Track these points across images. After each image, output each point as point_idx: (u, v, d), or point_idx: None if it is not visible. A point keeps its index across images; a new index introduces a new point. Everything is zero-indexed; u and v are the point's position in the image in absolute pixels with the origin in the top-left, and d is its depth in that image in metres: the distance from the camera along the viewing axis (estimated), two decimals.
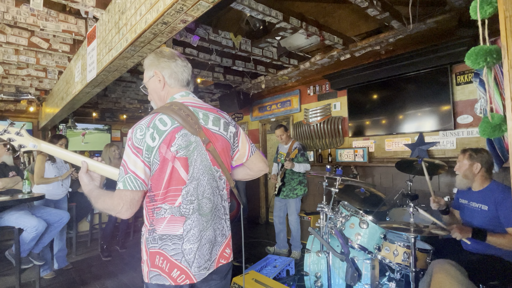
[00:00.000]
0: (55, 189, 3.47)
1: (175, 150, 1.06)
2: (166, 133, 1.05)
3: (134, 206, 1.04)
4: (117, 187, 1.03)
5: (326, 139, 4.57)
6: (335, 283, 2.42)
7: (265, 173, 1.42)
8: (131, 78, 4.16)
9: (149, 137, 1.03)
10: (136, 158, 1.03)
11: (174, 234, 1.07)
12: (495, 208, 1.93)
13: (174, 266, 1.06)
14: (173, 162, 1.06)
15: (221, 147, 1.19)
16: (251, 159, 1.31)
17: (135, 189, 1.02)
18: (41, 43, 2.92)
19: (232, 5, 2.32)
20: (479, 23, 0.89)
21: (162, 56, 1.21)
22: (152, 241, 1.08)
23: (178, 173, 1.08)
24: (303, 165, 3.64)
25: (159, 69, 1.20)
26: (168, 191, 1.07)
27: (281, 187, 3.79)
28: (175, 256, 1.06)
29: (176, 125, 1.07)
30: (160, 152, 1.04)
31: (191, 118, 1.11)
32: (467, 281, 1.75)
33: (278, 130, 3.85)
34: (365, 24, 3.28)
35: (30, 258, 2.89)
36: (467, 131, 3.17)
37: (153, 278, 1.07)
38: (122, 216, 1.04)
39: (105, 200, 1.06)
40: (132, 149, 1.03)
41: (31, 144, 1.24)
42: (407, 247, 2.19)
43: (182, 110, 1.11)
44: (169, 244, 1.07)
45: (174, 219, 1.07)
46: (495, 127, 0.90)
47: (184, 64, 1.23)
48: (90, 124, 6.50)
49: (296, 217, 3.75)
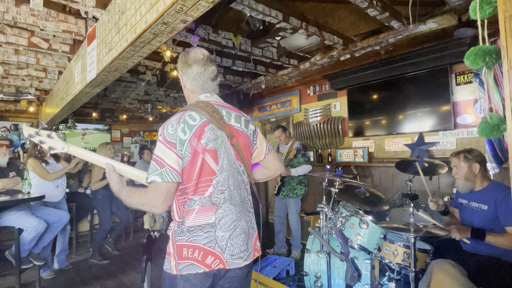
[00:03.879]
0: (52, 191, 3.42)
1: (205, 142, 1.12)
2: (196, 127, 1.11)
3: (170, 199, 1.08)
4: (151, 181, 1.05)
5: (326, 139, 4.57)
6: (335, 283, 2.42)
7: (281, 172, 1.46)
8: (131, 78, 4.16)
9: (181, 131, 1.09)
10: (171, 152, 1.07)
11: (206, 223, 1.11)
12: (494, 207, 1.93)
13: (208, 253, 1.09)
14: (203, 154, 1.12)
15: (243, 143, 1.24)
16: (267, 158, 1.37)
17: (171, 181, 1.06)
18: (41, 43, 2.92)
19: (232, 5, 2.32)
20: (478, 23, 0.89)
21: (183, 61, 1.25)
22: (180, 234, 1.11)
23: (208, 164, 1.13)
24: (301, 168, 3.57)
25: (181, 73, 1.27)
26: (199, 182, 1.12)
27: (280, 187, 3.78)
28: (208, 244, 1.10)
29: (204, 120, 1.14)
30: (191, 145, 1.10)
31: (217, 114, 1.18)
32: (467, 281, 1.75)
33: (277, 132, 3.82)
34: (365, 24, 3.28)
35: (30, 258, 2.89)
36: (467, 131, 3.17)
37: (184, 269, 1.09)
38: (157, 210, 1.07)
39: (140, 195, 1.09)
40: (165, 144, 1.08)
41: (60, 146, 1.31)
42: (407, 247, 2.20)
43: (208, 107, 1.18)
44: (200, 233, 1.10)
45: (204, 209, 1.11)
46: (493, 127, 0.89)
47: (200, 70, 1.23)
48: (90, 124, 6.50)
49: (296, 217, 3.74)
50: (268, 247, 4.11)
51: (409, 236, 1.94)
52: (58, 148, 1.30)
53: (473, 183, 2.08)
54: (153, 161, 1.08)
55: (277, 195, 3.84)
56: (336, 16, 3.38)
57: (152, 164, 1.08)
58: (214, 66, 1.27)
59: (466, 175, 2.07)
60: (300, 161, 3.63)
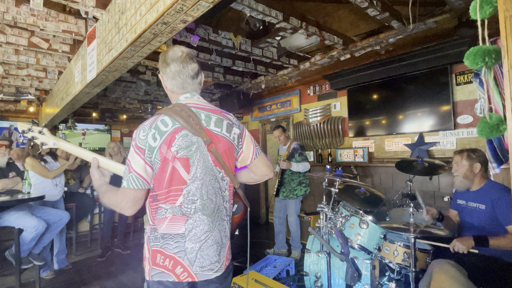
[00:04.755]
0: (51, 190, 3.44)
1: (175, 150, 1.08)
2: (167, 133, 1.08)
3: (137, 204, 1.08)
4: (122, 185, 1.07)
5: (326, 139, 4.57)
6: (335, 283, 2.42)
7: (270, 178, 1.38)
8: (131, 78, 4.16)
9: (151, 138, 1.07)
10: (139, 158, 1.07)
11: (176, 233, 1.09)
12: (492, 207, 1.93)
13: (178, 264, 1.08)
14: (173, 162, 1.08)
15: (223, 148, 1.18)
16: (254, 162, 1.30)
17: (137, 188, 1.06)
18: (41, 43, 2.92)
19: (232, 5, 2.32)
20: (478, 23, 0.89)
21: (162, 60, 1.20)
22: (154, 240, 1.11)
23: (179, 173, 1.09)
24: (302, 164, 3.59)
25: (162, 73, 1.23)
26: (169, 190, 1.09)
27: (279, 188, 3.79)
28: (178, 254, 1.09)
29: (177, 126, 1.09)
30: (161, 152, 1.07)
31: (193, 119, 1.12)
32: (467, 281, 1.74)
33: (277, 131, 3.82)
34: (365, 24, 3.28)
35: (30, 258, 2.89)
36: (467, 131, 3.17)
37: (155, 276, 1.09)
38: (125, 212, 1.09)
39: (110, 196, 1.11)
40: (135, 149, 1.08)
41: (51, 142, 1.35)
42: (407, 247, 2.19)
43: (184, 111, 1.12)
44: (170, 243, 1.09)
45: (175, 218, 1.09)
46: (493, 127, 0.89)
47: (178, 68, 1.17)
48: (90, 124, 6.50)
49: (295, 218, 3.73)
50: (268, 247, 4.11)
51: (409, 236, 1.94)
52: (49, 143, 1.34)
53: (471, 182, 2.09)
54: (126, 165, 1.10)
55: (276, 196, 3.84)
56: (336, 16, 3.38)
57: (125, 167, 1.10)
58: (195, 63, 1.20)
59: (465, 173, 2.07)
60: (298, 160, 3.63)
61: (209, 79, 4.40)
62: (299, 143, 3.77)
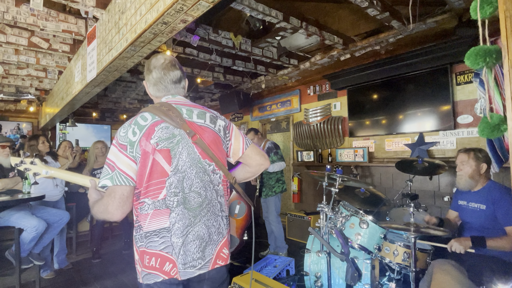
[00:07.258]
0: (51, 190, 3.43)
1: (155, 142, 1.07)
2: (146, 127, 1.08)
3: (125, 204, 1.04)
4: (102, 185, 1.04)
5: (326, 139, 4.57)
6: (335, 283, 2.42)
7: (266, 167, 1.34)
8: (131, 78, 4.16)
9: (131, 133, 1.07)
10: (122, 155, 1.05)
11: (162, 227, 1.06)
12: (492, 207, 1.93)
13: (166, 260, 1.05)
14: (153, 155, 1.07)
15: (210, 139, 1.17)
16: (246, 153, 1.28)
17: (123, 184, 1.03)
18: (41, 43, 2.92)
19: (232, 5, 2.32)
20: (479, 23, 0.89)
21: (146, 67, 1.24)
22: (139, 239, 1.08)
23: (160, 165, 1.07)
24: (278, 164, 3.59)
25: (145, 79, 1.26)
26: (149, 185, 1.06)
27: (261, 188, 3.80)
28: (165, 250, 1.06)
29: (156, 119, 1.10)
30: (140, 145, 1.06)
31: (173, 112, 1.12)
32: (467, 281, 1.74)
33: (249, 134, 3.81)
34: (365, 24, 3.28)
35: (30, 258, 2.89)
36: (467, 131, 3.17)
37: (145, 278, 1.07)
38: (114, 216, 1.04)
39: (98, 203, 1.07)
40: (117, 147, 1.06)
41: (44, 171, 1.39)
42: (407, 247, 2.19)
43: (164, 106, 1.14)
44: (155, 239, 1.06)
45: (159, 213, 1.07)
46: (494, 127, 0.89)
47: (159, 76, 1.19)
48: (90, 124, 6.50)
49: (275, 216, 3.69)
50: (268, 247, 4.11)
51: (409, 236, 1.94)
52: (42, 173, 1.38)
53: (475, 183, 2.07)
54: (106, 165, 1.06)
55: (260, 197, 3.84)
56: (336, 16, 3.37)
57: (104, 168, 1.06)
58: (178, 70, 1.21)
59: (472, 173, 2.05)
60: (274, 159, 3.63)
61: (209, 79, 4.40)
62: (273, 142, 3.75)
